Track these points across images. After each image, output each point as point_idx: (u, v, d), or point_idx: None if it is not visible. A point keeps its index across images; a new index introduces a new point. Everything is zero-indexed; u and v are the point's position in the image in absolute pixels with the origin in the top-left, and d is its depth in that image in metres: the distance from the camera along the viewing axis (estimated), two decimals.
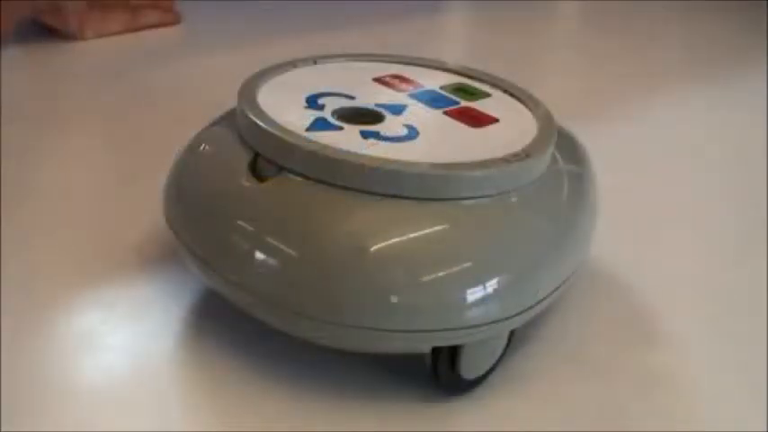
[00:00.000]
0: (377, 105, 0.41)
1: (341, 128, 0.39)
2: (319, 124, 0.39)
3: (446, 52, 0.93)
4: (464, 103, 0.43)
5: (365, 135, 0.38)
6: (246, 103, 0.39)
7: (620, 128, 0.72)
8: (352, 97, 0.42)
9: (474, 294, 0.35)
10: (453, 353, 0.36)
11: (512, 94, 0.45)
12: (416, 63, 0.48)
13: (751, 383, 0.41)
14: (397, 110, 0.41)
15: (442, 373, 0.37)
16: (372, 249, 0.34)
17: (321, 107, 0.40)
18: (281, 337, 0.38)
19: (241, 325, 0.40)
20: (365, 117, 0.40)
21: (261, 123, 0.37)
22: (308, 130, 0.38)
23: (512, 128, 0.41)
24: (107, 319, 0.41)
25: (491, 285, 0.35)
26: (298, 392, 0.37)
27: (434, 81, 0.46)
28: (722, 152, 0.69)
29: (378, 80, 0.45)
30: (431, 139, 0.39)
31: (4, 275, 0.44)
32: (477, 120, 0.41)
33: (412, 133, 0.39)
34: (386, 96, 0.43)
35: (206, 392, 0.37)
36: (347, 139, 0.37)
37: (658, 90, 0.82)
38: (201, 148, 0.41)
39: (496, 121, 0.41)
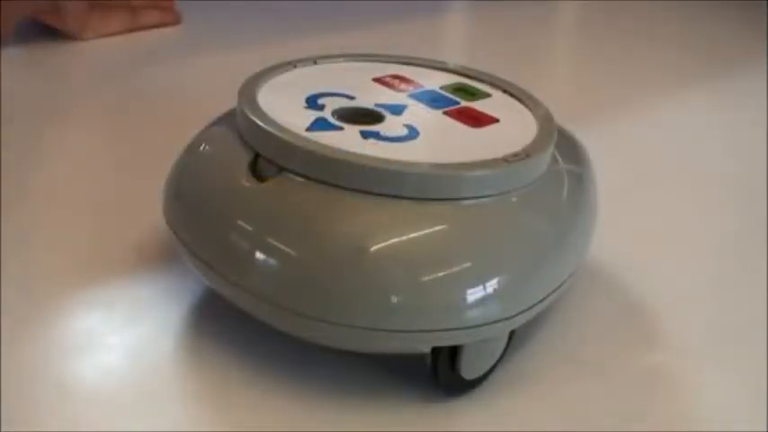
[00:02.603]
0: (377, 105, 0.41)
1: (341, 128, 0.39)
2: (319, 124, 0.39)
3: (446, 52, 0.93)
4: (464, 103, 0.43)
5: (365, 135, 0.38)
6: (246, 103, 0.39)
7: (620, 128, 0.72)
8: (352, 97, 0.42)
9: (474, 294, 0.35)
10: (453, 353, 0.36)
11: (512, 94, 0.45)
12: (416, 63, 0.48)
13: (751, 383, 0.41)
14: (397, 110, 0.41)
15: (442, 373, 0.37)
16: (372, 249, 0.34)
17: (321, 107, 0.40)
18: (281, 337, 0.38)
19: (241, 325, 0.40)
20: (365, 117, 0.40)
21: (261, 123, 0.37)
22: (308, 130, 0.38)
23: (512, 128, 0.41)
24: (107, 319, 0.41)
25: (491, 285, 0.35)
26: (298, 392, 0.37)
27: (434, 81, 0.46)
28: (722, 152, 0.69)
29: (378, 80, 0.45)
30: (431, 140, 0.39)
31: (4, 275, 0.44)
32: (477, 120, 0.41)
33: (412, 133, 0.39)
34: (386, 96, 0.43)
35: (206, 392, 0.37)
36: (347, 139, 0.37)
37: (658, 90, 0.82)
38: (201, 148, 0.41)
39: (496, 121, 0.41)
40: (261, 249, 0.35)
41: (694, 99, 0.80)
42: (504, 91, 0.45)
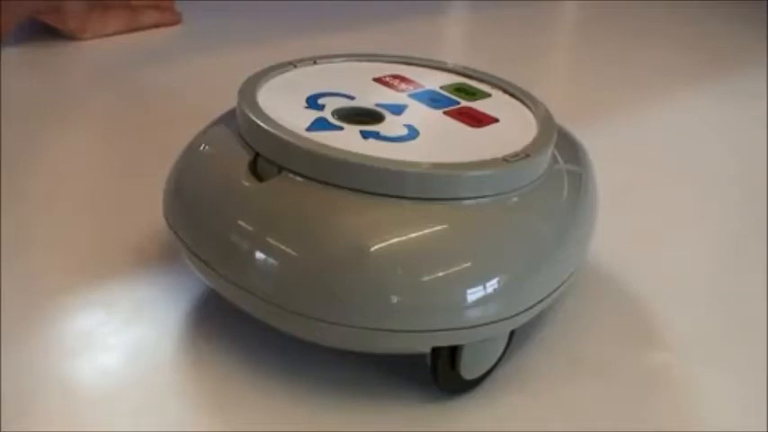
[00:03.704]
0: (377, 105, 0.41)
1: (341, 128, 0.39)
2: (319, 124, 0.39)
3: (446, 52, 0.93)
4: (464, 103, 0.43)
5: (365, 135, 0.38)
6: (246, 103, 0.39)
7: (620, 128, 0.72)
8: (352, 97, 0.42)
9: (474, 294, 0.35)
10: (453, 353, 0.36)
11: (512, 94, 0.45)
12: (416, 63, 0.48)
13: (751, 383, 0.41)
14: (397, 110, 0.41)
15: (441, 373, 0.37)
16: (372, 249, 0.34)
17: (321, 107, 0.40)
18: (281, 337, 0.38)
19: (241, 325, 0.40)
20: (365, 117, 0.40)
21: (261, 123, 0.37)
22: (308, 130, 0.38)
23: (512, 128, 0.41)
24: (107, 319, 0.41)
25: (491, 285, 0.35)
26: (298, 392, 0.37)
27: (434, 81, 0.46)
28: (722, 152, 0.69)
29: (378, 80, 0.45)
30: (431, 139, 0.39)
31: (4, 275, 0.44)
32: (477, 120, 0.41)
33: (412, 133, 0.39)
34: (386, 96, 0.43)
35: (206, 392, 0.37)
36: (347, 139, 0.37)
37: (658, 90, 0.82)
38: (201, 148, 0.41)
39: (496, 121, 0.42)
40: (261, 249, 0.35)
41: (694, 99, 0.80)
42: (504, 91, 0.45)
